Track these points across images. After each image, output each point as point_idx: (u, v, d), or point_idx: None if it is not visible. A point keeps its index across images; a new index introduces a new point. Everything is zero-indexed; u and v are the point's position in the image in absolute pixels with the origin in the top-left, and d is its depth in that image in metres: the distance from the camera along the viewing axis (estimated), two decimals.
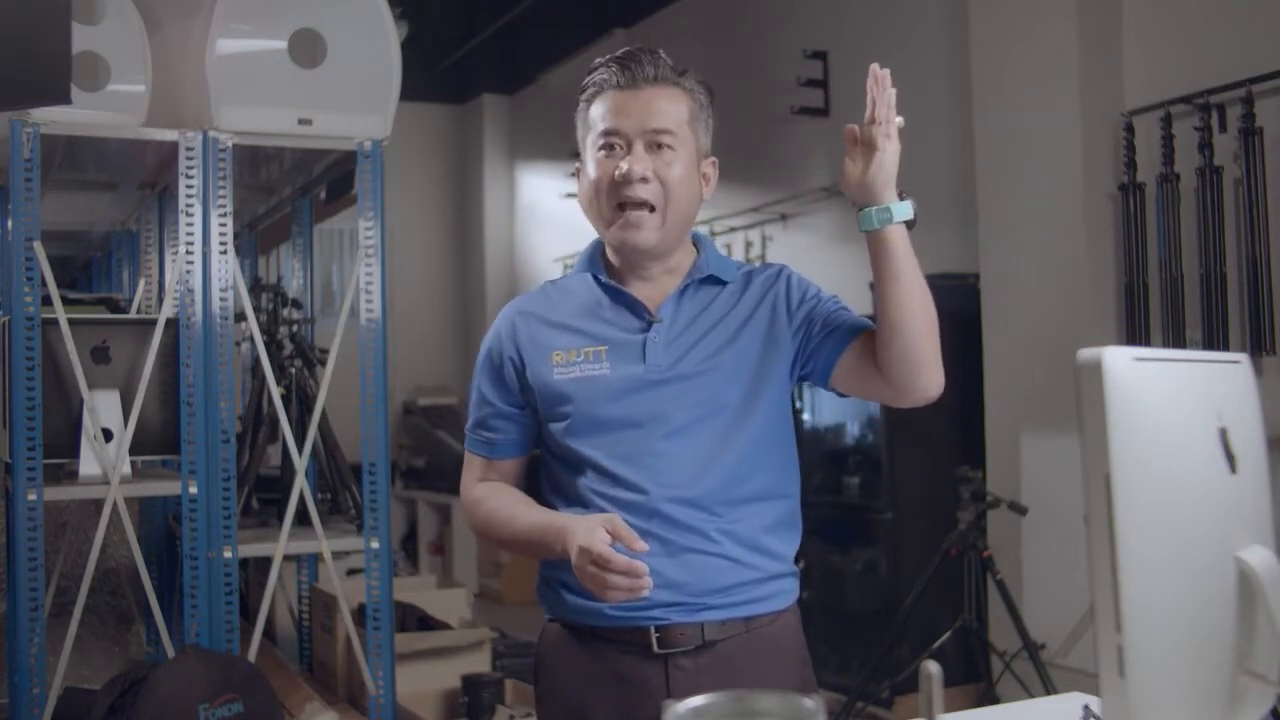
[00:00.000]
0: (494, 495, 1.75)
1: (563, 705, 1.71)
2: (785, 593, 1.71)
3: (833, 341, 1.68)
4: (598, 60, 1.73)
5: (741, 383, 1.67)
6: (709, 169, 1.75)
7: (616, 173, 1.65)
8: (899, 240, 1.57)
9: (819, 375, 1.70)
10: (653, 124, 1.66)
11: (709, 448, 1.66)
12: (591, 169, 1.70)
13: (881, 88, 1.51)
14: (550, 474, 1.75)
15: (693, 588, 1.62)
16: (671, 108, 1.68)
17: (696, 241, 1.78)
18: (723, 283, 1.74)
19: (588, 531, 1.51)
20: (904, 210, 1.56)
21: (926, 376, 1.63)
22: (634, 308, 1.71)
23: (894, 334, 1.60)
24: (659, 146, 1.66)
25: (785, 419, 1.74)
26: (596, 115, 1.70)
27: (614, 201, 1.67)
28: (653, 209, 1.66)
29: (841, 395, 1.73)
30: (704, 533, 1.64)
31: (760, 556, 1.67)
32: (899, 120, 1.52)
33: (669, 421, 1.65)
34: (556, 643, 1.74)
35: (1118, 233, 3.78)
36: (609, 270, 1.75)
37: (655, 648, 1.63)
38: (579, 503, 1.67)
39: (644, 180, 1.65)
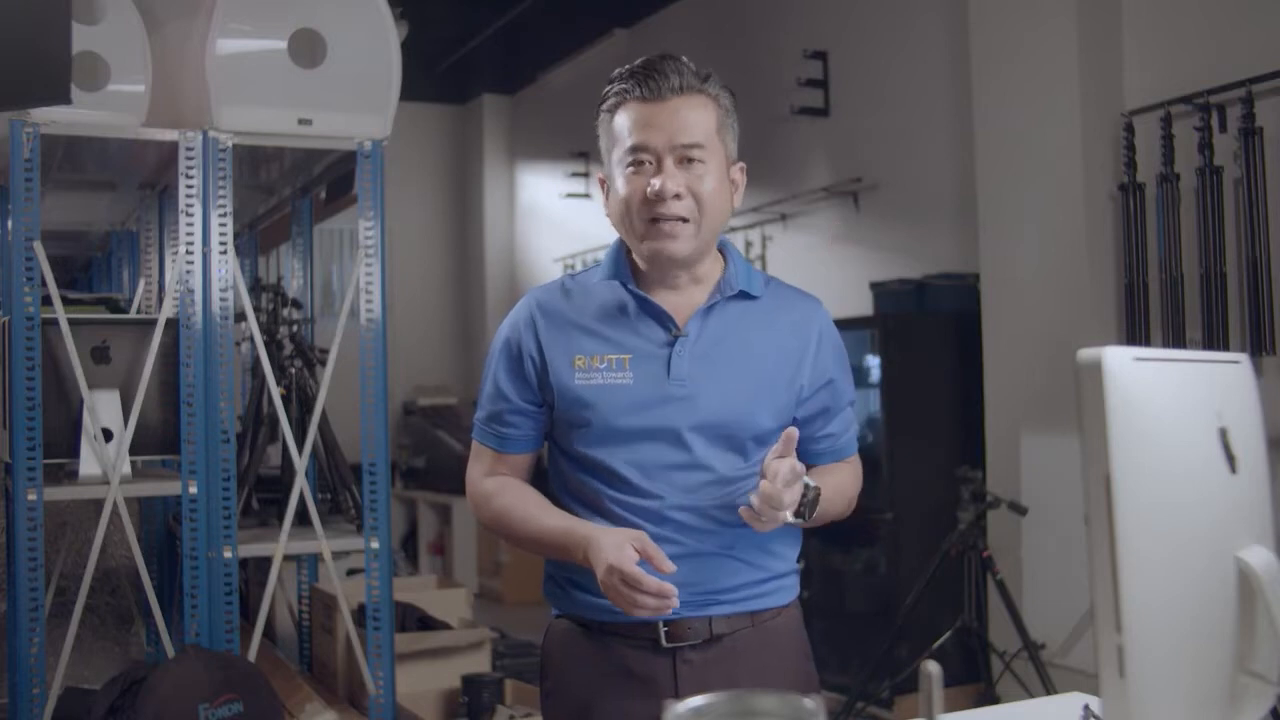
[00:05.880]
0: (507, 491, 1.73)
1: (570, 701, 1.72)
2: (788, 589, 1.74)
3: (813, 452, 1.76)
4: (617, 70, 1.69)
5: (763, 407, 1.68)
6: (737, 175, 1.73)
7: (649, 190, 1.62)
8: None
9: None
10: (682, 139, 1.63)
11: (726, 465, 1.66)
12: (621, 185, 1.67)
13: (780, 470, 1.52)
14: (561, 474, 1.74)
15: (702, 586, 1.64)
16: (699, 118, 1.65)
17: (723, 249, 1.76)
18: (751, 298, 1.72)
19: (616, 549, 1.51)
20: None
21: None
22: (661, 319, 1.69)
23: None
24: (689, 161, 1.64)
25: None
26: (622, 128, 1.66)
27: (646, 217, 1.64)
28: (686, 221, 1.64)
29: None
30: (715, 537, 1.65)
31: (767, 557, 1.70)
32: (786, 515, 1.54)
33: (689, 436, 1.65)
34: (564, 639, 1.74)
35: (1118, 233, 3.78)
36: (635, 276, 1.72)
37: (664, 642, 1.64)
38: (592, 506, 1.67)
39: (677, 197, 1.63)
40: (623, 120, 1.66)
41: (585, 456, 1.67)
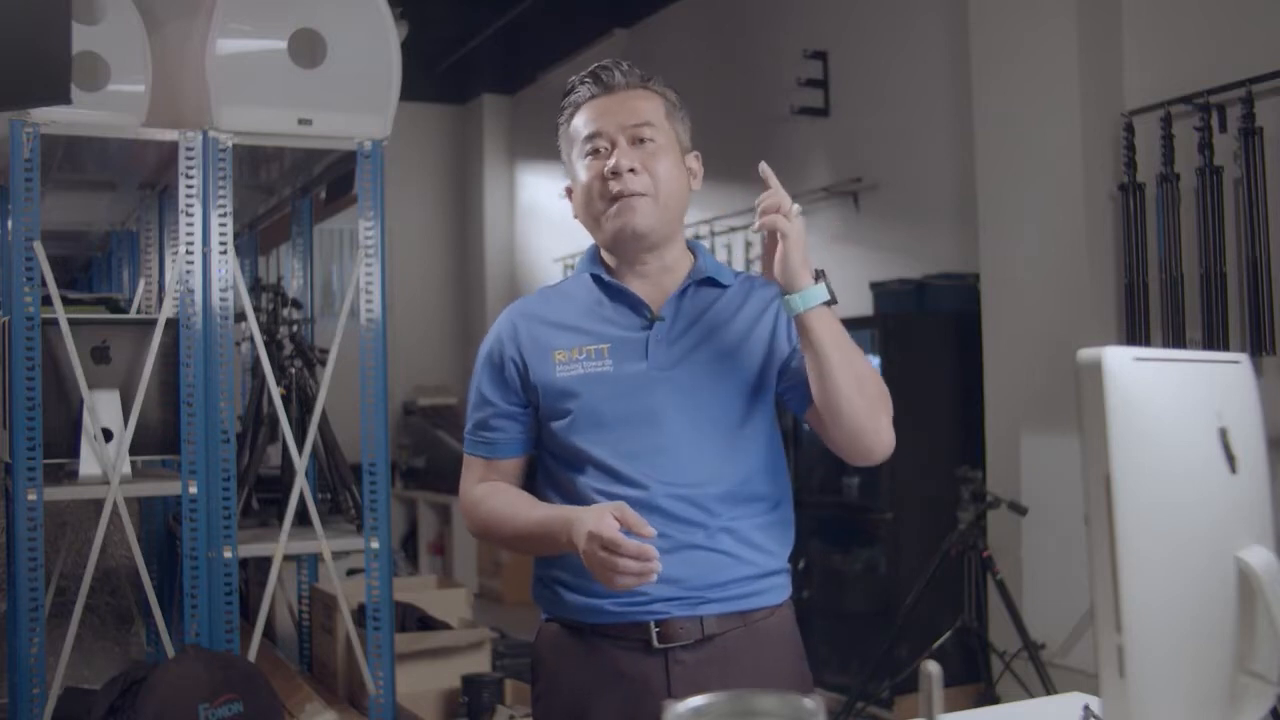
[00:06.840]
0: (493, 494, 1.75)
1: (562, 703, 1.72)
2: (779, 588, 1.73)
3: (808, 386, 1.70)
4: (570, 80, 1.79)
5: (743, 387, 1.70)
6: (693, 163, 1.80)
7: (606, 168, 1.69)
8: (818, 321, 1.60)
9: (795, 407, 1.74)
10: (632, 120, 1.71)
11: (709, 447, 1.68)
12: (582, 174, 1.74)
13: (771, 185, 1.57)
14: (549, 474, 1.75)
15: (691, 582, 1.64)
16: (647, 105, 1.74)
17: (692, 248, 1.81)
18: (721, 286, 1.77)
19: (596, 519, 1.52)
20: (813, 296, 1.59)
21: (864, 444, 1.66)
22: (635, 306, 1.73)
23: (824, 406, 1.63)
24: (642, 141, 1.71)
25: (776, 428, 1.77)
26: (578, 126, 1.75)
27: (607, 196, 1.70)
28: (645, 195, 1.69)
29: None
30: (703, 528, 1.66)
31: (756, 553, 1.69)
32: (796, 208, 1.59)
33: (671, 419, 1.67)
34: (554, 642, 1.74)
35: (1118, 233, 3.78)
36: (608, 271, 1.77)
37: (655, 642, 1.64)
38: (580, 501, 1.67)
39: (633, 171, 1.69)
40: (579, 120, 1.75)
41: (572, 450, 1.69)
